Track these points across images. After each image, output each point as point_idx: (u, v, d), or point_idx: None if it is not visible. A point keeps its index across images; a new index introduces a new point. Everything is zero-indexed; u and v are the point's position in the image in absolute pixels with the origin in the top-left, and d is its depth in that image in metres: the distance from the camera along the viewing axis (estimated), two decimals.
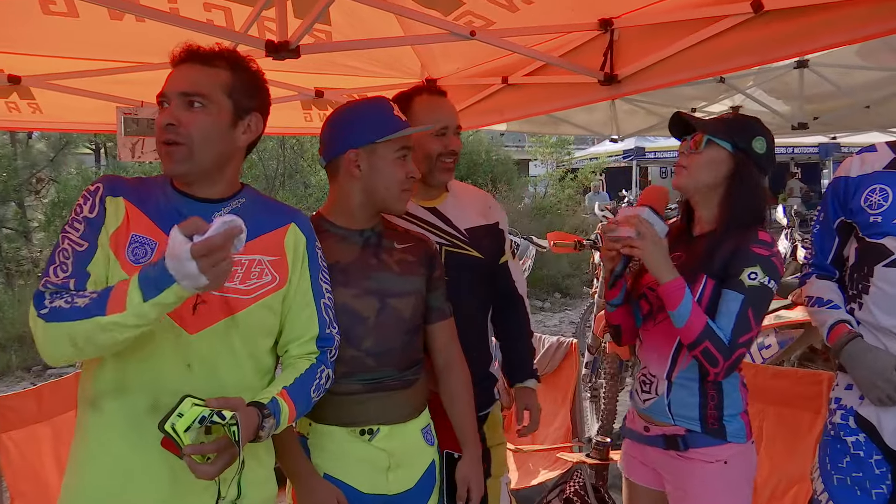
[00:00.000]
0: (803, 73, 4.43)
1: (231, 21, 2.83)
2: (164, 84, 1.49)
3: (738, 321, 1.76)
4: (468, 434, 1.94)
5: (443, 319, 1.93)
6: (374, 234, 1.85)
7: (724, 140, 1.87)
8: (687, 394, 1.89)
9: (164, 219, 1.47)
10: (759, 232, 1.84)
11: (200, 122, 1.45)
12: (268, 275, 1.53)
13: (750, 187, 1.87)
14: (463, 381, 1.95)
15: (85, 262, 1.42)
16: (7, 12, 2.65)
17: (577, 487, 3.10)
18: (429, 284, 1.89)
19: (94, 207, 1.46)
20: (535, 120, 5.10)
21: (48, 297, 1.37)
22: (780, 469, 2.60)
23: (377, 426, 1.77)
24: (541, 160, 18.64)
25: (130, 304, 1.27)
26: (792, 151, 17.46)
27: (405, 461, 1.80)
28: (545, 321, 9.22)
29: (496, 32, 2.77)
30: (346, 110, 1.82)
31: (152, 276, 1.26)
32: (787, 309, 3.82)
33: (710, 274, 1.84)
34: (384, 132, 1.76)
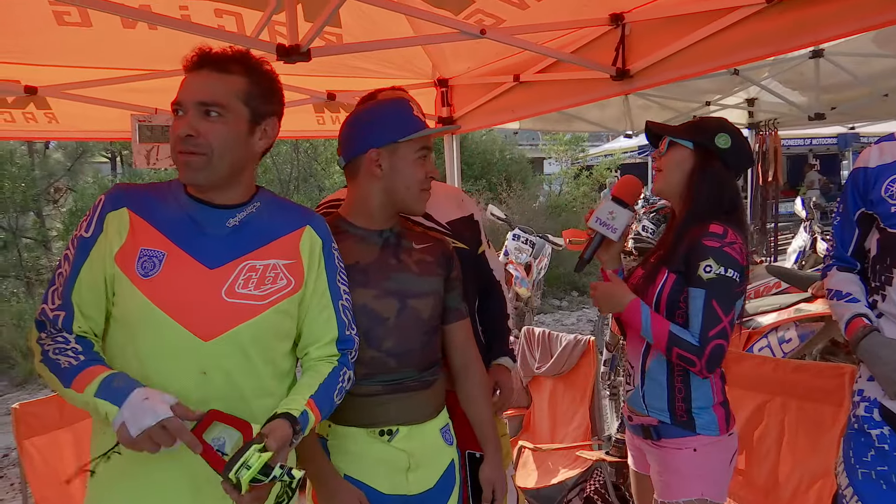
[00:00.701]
0: (819, 62, 4.38)
1: (242, 26, 2.84)
2: (179, 91, 1.47)
3: (705, 316, 1.82)
4: (489, 434, 1.94)
5: (460, 319, 1.93)
6: (392, 235, 1.84)
7: (684, 139, 1.98)
8: (657, 386, 1.96)
9: (174, 227, 1.47)
10: (711, 225, 1.88)
11: (219, 132, 1.44)
12: (283, 279, 1.52)
13: (714, 180, 1.94)
14: (480, 381, 1.95)
15: (69, 289, 1.43)
16: (23, 24, 2.68)
17: (597, 486, 3.09)
18: (446, 285, 1.89)
19: (90, 225, 1.46)
20: (548, 117, 5.09)
21: (44, 330, 1.43)
22: (802, 464, 2.56)
23: (396, 427, 1.76)
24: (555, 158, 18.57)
25: (87, 391, 1.33)
26: (810, 143, 17.29)
27: (424, 461, 1.79)
28: (563, 319, 9.19)
29: (507, 30, 2.76)
30: (367, 110, 1.81)
31: (114, 386, 1.32)
32: (808, 302, 3.78)
33: (670, 268, 1.91)
34: (406, 132, 1.75)
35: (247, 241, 1.51)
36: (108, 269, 1.43)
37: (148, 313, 1.41)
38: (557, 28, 2.85)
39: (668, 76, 2.70)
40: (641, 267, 2.08)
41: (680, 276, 1.89)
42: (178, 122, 1.45)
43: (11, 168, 9.58)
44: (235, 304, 1.45)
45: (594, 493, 3.07)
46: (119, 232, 1.44)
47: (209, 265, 1.46)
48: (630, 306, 1.91)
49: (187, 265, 1.44)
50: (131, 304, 1.42)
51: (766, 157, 6.18)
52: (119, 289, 1.43)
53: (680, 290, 1.89)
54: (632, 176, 2.12)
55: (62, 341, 1.41)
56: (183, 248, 1.45)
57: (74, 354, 1.39)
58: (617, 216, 1.99)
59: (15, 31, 2.74)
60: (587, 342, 3.58)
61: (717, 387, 1.96)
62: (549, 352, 3.80)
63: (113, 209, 1.46)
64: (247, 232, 1.52)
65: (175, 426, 1.29)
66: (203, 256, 1.46)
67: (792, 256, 6.49)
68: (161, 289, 1.41)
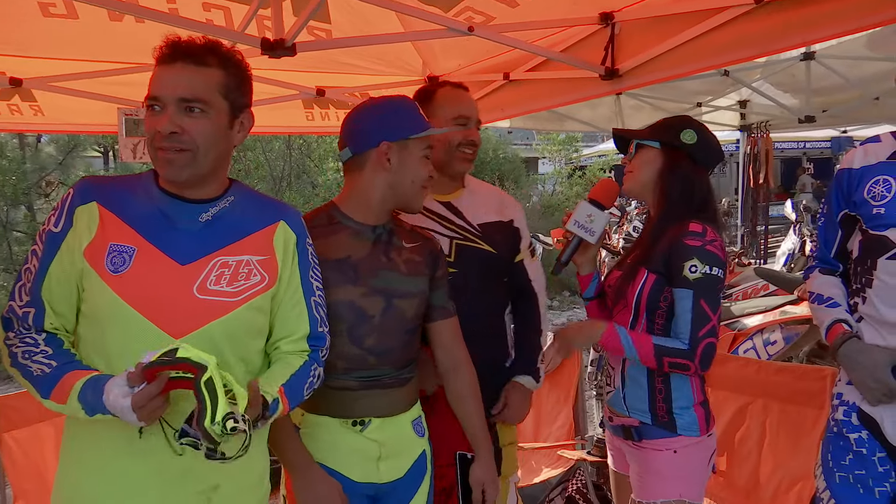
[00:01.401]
0: (810, 65, 4.40)
1: (231, 20, 2.82)
2: (153, 84, 1.42)
3: (694, 316, 1.83)
4: (479, 435, 1.93)
5: (446, 318, 1.92)
6: (385, 231, 1.85)
7: (650, 140, 1.99)
8: (637, 387, 1.96)
9: (144, 222, 1.44)
10: (690, 224, 1.88)
11: (203, 129, 1.42)
12: (256, 275, 1.50)
13: (683, 178, 1.95)
14: (469, 381, 1.94)
15: (38, 285, 1.41)
16: (7, 15, 2.66)
17: (579, 485, 3.09)
18: (432, 284, 1.89)
19: (59, 220, 1.43)
20: (539, 116, 5.09)
21: (12, 328, 1.41)
22: (783, 466, 2.57)
23: (369, 418, 1.78)
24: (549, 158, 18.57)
25: (71, 402, 1.33)
26: (804, 146, 17.34)
27: (395, 451, 1.81)
28: (553, 319, 9.20)
29: (495, 28, 2.75)
30: (379, 105, 1.83)
31: (90, 400, 1.32)
32: (793, 304, 3.79)
33: (649, 268, 1.91)
34: (417, 129, 1.79)
35: (219, 237, 1.48)
36: (77, 264, 1.40)
37: (117, 310, 1.38)
38: (547, 26, 2.85)
39: (657, 76, 2.70)
40: (618, 268, 2.08)
41: (660, 277, 1.89)
42: (157, 119, 1.41)
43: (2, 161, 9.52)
44: (207, 300, 1.43)
45: (576, 492, 3.07)
46: (88, 226, 1.41)
47: (180, 261, 1.43)
48: (606, 334, 1.91)
49: (158, 261, 1.42)
50: (100, 301, 1.39)
51: (758, 160, 6.20)
52: (88, 284, 1.40)
53: (660, 290, 1.89)
54: (610, 179, 2.14)
55: (31, 343, 1.39)
56: (153, 244, 1.43)
57: (45, 360, 1.37)
58: (595, 219, 1.99)
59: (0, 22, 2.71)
60: None
61: (697, 386, 1.96)
62: None
63: (82, 203, 1.43)
64: (219, 227, 1.49)
65: (139, 401, 1.26)
66: (174, 252, 1.43)
67: (781, 259, 6.51)
68: (131, 285, 1.39)
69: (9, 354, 1.39)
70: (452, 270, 2.07)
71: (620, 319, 1.98)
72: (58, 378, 1.34)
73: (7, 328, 1.42)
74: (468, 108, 2.15)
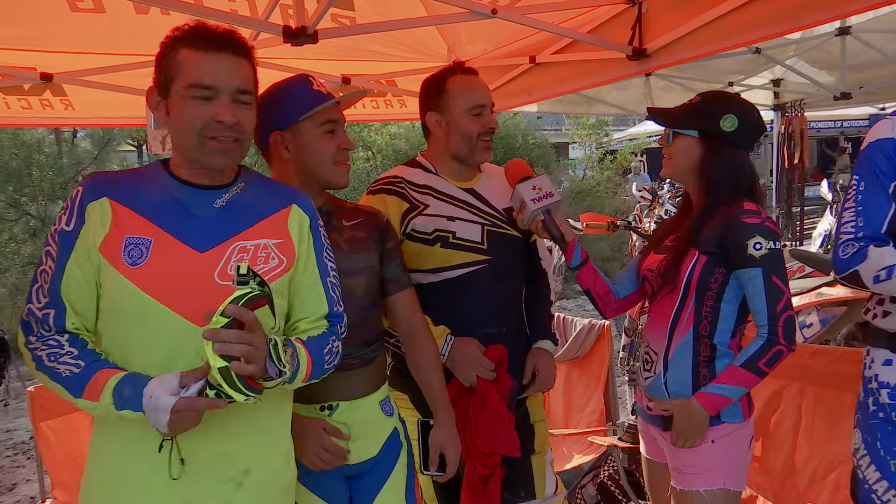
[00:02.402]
0: (846, 40, 4.27)
1: (255, 10, 2.83)
2: (202, 72, 1.38)
3: (768, 293, 1.80)
4: (438, 400, 1.92)
5: (402, 290, 1.92)
6: (322, 214, 1.83)
7: (688, 129, 1.94)
8: (681, 373, 1.92)
9: (159, 212, 1.43)
10: (744, 202, 1.86)
11: (251, 119, 1.45)
12: (274, 258, 1.50)
13: (725, 165, 1.90)
14: (427, 348, 1.93)
15: (57, 286, 1.39)
16: (36, 11, 2.70)
17: (610, 472, 3.07)
18: (382, 257, 1.89)
19: (71, 218, 1.41)
20: (567, 100, 5.03)
21: (33, 332, 1.40)
22: (820, 451, 2.51)
23: (336, 402, 1.80)
24: (579, 143, 18.39)
25: (103, 400, 1.33)
26: (841, 125, 16.89)
27: (364, 432, 1.83)
28: (585, 305, 9.14)
29: (520, 10, 2.72)
30: (267, 94, 1.78)
31: (125, 394, 1.32)
32: (830, 286, 3.69)
33: (700, 249, 1.88)
34: (303, 109, 1.74)
35: (235, 222, 1.48)
36: (93, 260, 1.39)
37: (139, 302, 1.38)
38: (572, 7, 2.80)
39: (686, 55, 2.63)
40: (654, 250, 2.04)
41: (712, 258, 1.86)
42: (211, 108, 1.38)
43: (39, 156, 9.72)
44: (229, 286, 1.41)
45: (608, 478, 3.05)
46: (101, 222, 1.40)
47: (199, 248, 1.42)
48: (708, 406, 1.84)
49: (177, 250, 1.41)
50: (121, 295, 1.39)
51: (793, 140, 6.05)
52: (106, 280, 1.39)
53: (711, 271, 1.86)
54: (513, 160, 2.11)
55: (55, 345, 1.38)
56: (170, 233, 1.42)
57: (73, 360, 1.36)
58: (538, 183, 1.99)
59: (30, 18, 2.76)
60: (602, 327, 3.54)
61: None
62: (563, 336, 3.77)
63: (92, 199, 1.41)
64: (234, 212, 1.49)
65: (184, 406, 1.28)
66: (192, 240, 1.42)
67: (818, 240, 6.35)
68: (151, 276, 1.38)
69: (33, 358, 1.38)
70: (485, 257, 2.08)
71: (665, 303, 1.94)
72: (89, 376, 1.34)
73: (27, 332, 1.41)
74: (482, 95, 2.13)
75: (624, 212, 11.86)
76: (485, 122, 2.10)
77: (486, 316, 2.08)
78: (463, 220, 2.09)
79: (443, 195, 2.12)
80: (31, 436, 5.29)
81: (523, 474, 2.17)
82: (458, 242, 2.07)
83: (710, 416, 1.85)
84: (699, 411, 1.84)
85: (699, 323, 1.89)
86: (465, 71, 2.18)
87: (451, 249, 2.06)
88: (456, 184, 2.15)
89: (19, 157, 9.50)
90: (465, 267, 2.07)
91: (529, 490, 2.17)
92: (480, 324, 2.07)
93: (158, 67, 1.44)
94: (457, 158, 2.13)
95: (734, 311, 1.90)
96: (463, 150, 2.10)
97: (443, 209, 2.09)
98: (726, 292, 1.88)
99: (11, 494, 4.36)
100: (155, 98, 1.45)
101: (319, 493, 1.78)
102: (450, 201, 2.11)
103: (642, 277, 2.07)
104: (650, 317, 2.03)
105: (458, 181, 2.15)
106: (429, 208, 2.08)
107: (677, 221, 2.07)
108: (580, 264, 2.07)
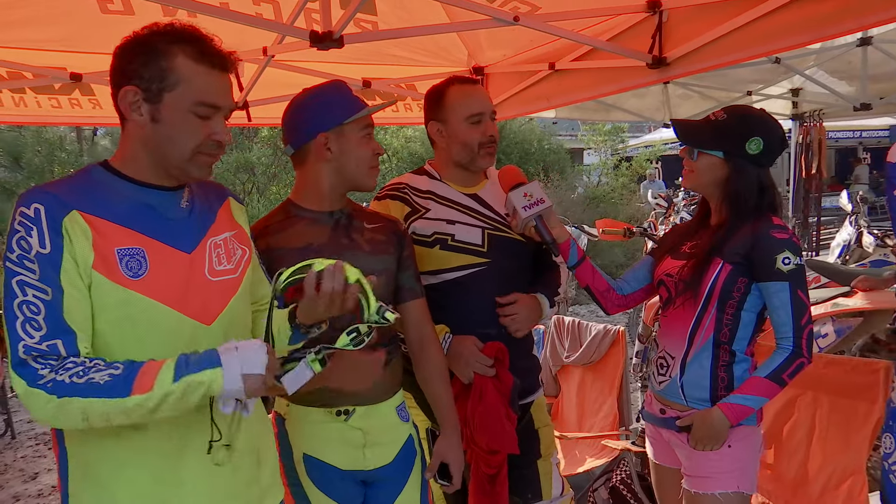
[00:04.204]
0: (867, 50, 4.26)
1: (280, 14, 2.88)
2: (211, 92, 1.38)
3: (793, 307, 1.85)
4: (446, 413, 1.95)
5: (414, 298, 1.95)
6: (343, 215, 1.89)
7: (713, 150, 1.95)
8: (699, 376, 1.95)
9: (136, 219, 1.38)
10: (773, 218, 1.90)
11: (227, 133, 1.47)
12: (239, 249, 1.54)
13: (749, 183, 1.93)
14: (437, 361, 1.96)
15: (58, 312, 1.26)
16: (68, 13, 2.77)
17: (623, 476, 3.08)
18: (399, 264, 1.93)
19: (44, 240, 1.27)
20: (585, 106, 5.04)
21: (41, 366, 1.23)
22: (833, 460, 2.51)
23: (353, 407, 1.83)
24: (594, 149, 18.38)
25: (160, 382, 1.23)
26: (860, 135, 16.79)
27: (380, 438, 1.87)
28: (598, 311, 9.13)
29: (541, 17, 2.75)
30: (309, 96, 1.85)
31: (192, 359, 1.27)
32: (846, 297, 3.69)
33: (725, 259, 1.91)
34: (349, 112, 1.81)
35: (202, 220, 1.49)
36: (84, 278, 1.30)
37: (151, 312, 1.35)
38: (593, 15, 2.83)
39: (706, 64, 2.65)
40: (671, 255, 2.06)
41: (736, 268, 1.89)
42: (211, 126, 1.39)
43: (61, 154, 9.86)
44: (219, 281, 1.46)
45: (620, 482, 3.06)
46: (85, 236, 1.31)
47: (186, 249, 1.43)
48: (731, 416, 1.88)
49: (169, 255, 1.40)
50: (128, 309, 1.33)
51: (810, 150, 6.03)
52: (104, 296, 1.31)
53: (734, 280, 1.90)
54: (506, 167, 2.14)
55: (77, 364, 1.25)
56: (157, 239, 1.39)
57: (107, 366, 1.25)
58: (530, 191, 2.02)
59: (62, 21, 2.82)
60: (617, 332, 3.56)
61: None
62: (578, 341, 3.79)
63: (63, 214, 1.30)
64: (197, 211, 1.49)
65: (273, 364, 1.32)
66: (178, 242, 1.42)
67: (836, 251, 6.32)
68: (157, 285, 1.36)
69: (52, 390, 1.22)
70: (485, 260, 2.11)
71: (685, 309, 1.96)
72: (135, 371, 1.25)
73: (30, 374, 1.23)
74: (481, 103, 2.14)
75: (638, 219, 11.84)
76: (485, 129, 2.12)
77: (486, 317, 2.11)
78: (463, 224, 2.13)
79: (445, 200, 2.16)
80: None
81: (529, 477, 2.20)
82: (457, 245, 2.10)
83: (731, 425, 1.88)
84: (721, 420, 1.88)
85: (720, 330, 1.93)
86: (466, 81, 2.22)
87: (450, 252, 2.10)
88: (460, 189, 2.18)
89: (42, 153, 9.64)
90: (464, 269, 2.11)
91: (536, 492, 2.20)
92: (481, 324, 2.10)
93: (144, 66, 1.34)
94: (460, 166, 2.17)
95: (753, 319, 1.94)
96: (464, 158, 2.14)
97: (443, 213, 2.13)
98: (747, 301, 1.92)
99: (34, 483, 4.45)
100: (132, 98, 1.35)
101: (333, 496, 1.82)
102: (451, 205, 2.15)
103: (658, 282, 2.09)
104: (667, 322, 2.05)
105: (461, 187, 2.19)
106: (429, 212, 2.13)
107: (693, 228, 2.09)
108: (577, 263, 2.11)
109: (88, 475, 1.38)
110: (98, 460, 1.37)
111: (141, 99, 1.35)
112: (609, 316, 9.31)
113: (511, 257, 2.17)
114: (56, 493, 4.16)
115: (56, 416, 1.24)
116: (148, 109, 1.36)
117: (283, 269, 1.44)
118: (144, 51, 1.36)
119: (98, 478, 1.37)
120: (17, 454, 4.96)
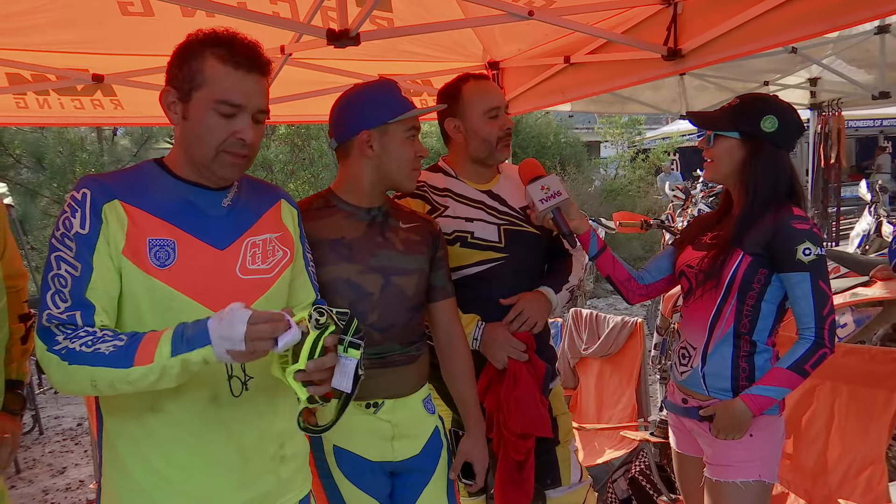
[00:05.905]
0: (885, 38, 4.22)
1: (296, 13, 2.92)
2: (235, 92, 1.40)
3: (815, 297, 1.85)
4: (471, 412, 2.00)
5: (445, 298, 1.99)
6: (380, 213, 1.91)
7: (729, 131, 1.96)
8: (720, 366, 1.96)
9: (176, 213, 1.44)
10: (793, 208, 1.90)
11: (261, 136, 1.49)
12: (279, 251, 1.57)
13: (766, 166, 1.93)
14: (465, 360, 2.00)
15: (82, 288, 1.35)
16: (90, 15, 2.82)
17: (642, 466, 3.10)
18: (432, 264, 1.95)
19: (84, 221, 1.37)
20: (601, 99, 5.04)
21: (59, 333, 1.32)
22: (853, 450, 2.50)
23: (382, 400, 1.86)
24: (611, 142, 18.28)
25: (159, 356, 1.27)
26: (881, 124, 16.53)
27: (408, 430, 1.90)
28: (616, 304, 9.12)
29: (555, 11, 2.76)
30: (357, 93, 1.87)
31: (187, 334, 1.28)
32: (865, 286, 3.67)
33: (746, 250, 1.91)
34: (395, 112, 1.82)
35: (243, 219, 1.53)
36: (115, 262, 1.38)
37: (173, 301, 1.40)
38: (608, 8, 2.83)
39: (722, 55, 2.65)
40: (692, 246, 2.07)
41: (757, 258, 1.90)
42: (233, 125, 1.41)
43: (82, 154, 9.95)
44: (250, 280, 1.49)
45: (639, 473, 3.08)
46: (120, 223, 1.39)
47: (219, 246, 1.47)
48: (753, 406, 1.89)
49: (200, 249, 1.45)
50: (153, 296, 1.39)
51: (829, 139, 5.98)
52: (131, 282, 1.39)
53: (755, 271, 1.90)
54: (526, 159, 2.16)
55: (89, 333, 1.32)
56: (190, 233, 1.44)
57: (113, 337, 1.31)
58: (548, 183, 2.05)
59: (84, 23, 2.88)
60: (634, 324, 3.57)
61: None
62: (596, 333, 3.81)
63: (106, 200, 1.39)
64: (239, 210, 1.53)
65: (260, 316, 1.26)
66: (211, 238, 1.47)
67: (855, 241, 6.27)
68: (182, 276, 1.41)
69: (64, 356, 1.30)
70: (502, 255, 2.15)
71: (706, 299, 1.97)
72: (137, 342, 1.29)
73: (49, 338, 1.33)
74: (496, 98, 2.19)
75: (656, 211, 11.78)
76: (501, 123, 2.17)
77: (505, 309, 2.14)
78: (481, 221, 2.16)
79: (461, 198, 2.19)
80: (79, 423, 5.52)
81: (549, 463, 2.24)
82: (477, 242, 2.14)
83: (754, 416, 1.90)
84: (744, 411, 1.89)
85: (739, 321, 1.94)
86: (479, 77, 2.25)
87: (470, 249, 2.14)
88: (474, 186, 2.22)
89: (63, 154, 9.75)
90: (483, 264, 2.14)
91: (556, 478, 2.24)
92: (500, 317, 2.13)
93: (179, 69, 1.42)
94: (476, 161, 2.20)
95: (773, 310, 1.94)
96: (483, 152, 2.17)
97: (461, 211, 2.16)
98: (768, 292, 1.92)
99: (62, 477, 4.53)
100: (170, 98, 1.43)
101: (362, 487, 1.86)
102: (468, 203, 2.18)
103: (679, 273, 2.10)
104: (688, 312, 2.06)
105: (476, 184, 2.23)
106: (448, 210, 2.16)
107: (715, 219, 2.10)
108: (598, 253, 2.14)
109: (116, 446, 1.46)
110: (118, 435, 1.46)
111: (176, 99, 1.43)
112: (628, 308, 9.30)
113: (528, 250, 2.21)
114: (84, 487, 4.26)
115: (67, 381, 1.32)
116: (181, 108, 1.43)
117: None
118: (182, 54, 1.43)
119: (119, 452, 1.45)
120: (45, 449, 5.06)
